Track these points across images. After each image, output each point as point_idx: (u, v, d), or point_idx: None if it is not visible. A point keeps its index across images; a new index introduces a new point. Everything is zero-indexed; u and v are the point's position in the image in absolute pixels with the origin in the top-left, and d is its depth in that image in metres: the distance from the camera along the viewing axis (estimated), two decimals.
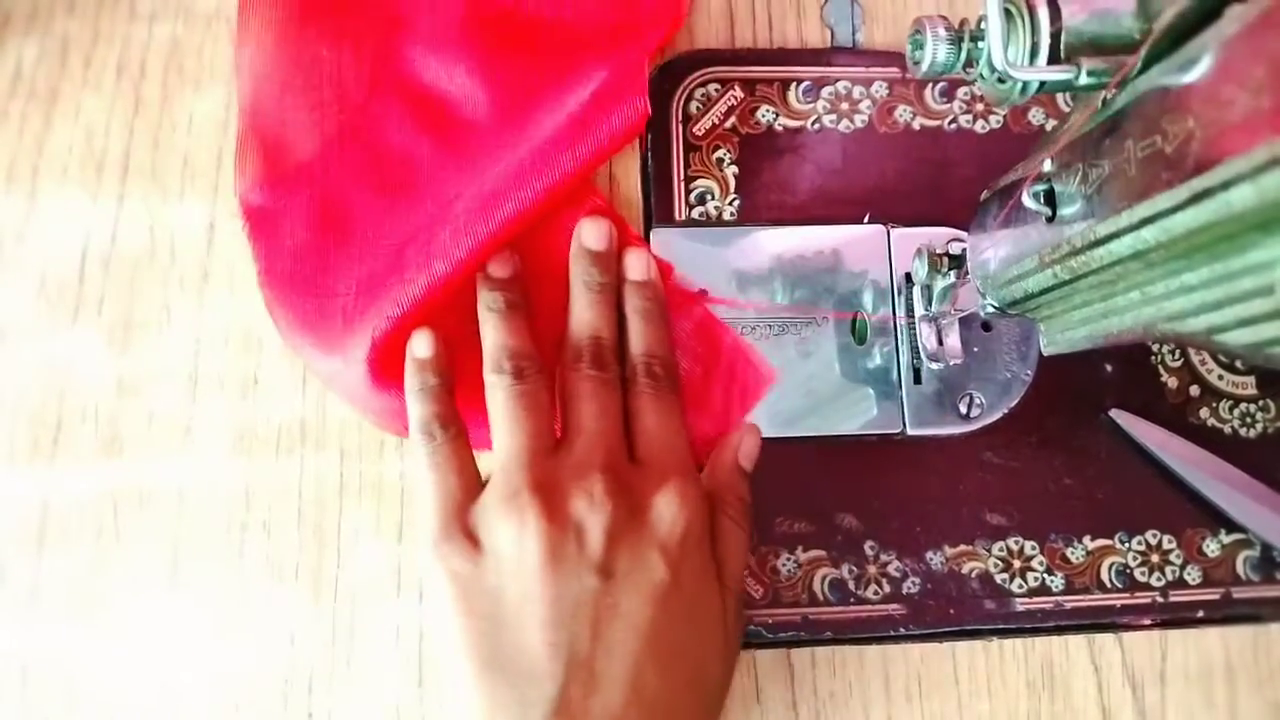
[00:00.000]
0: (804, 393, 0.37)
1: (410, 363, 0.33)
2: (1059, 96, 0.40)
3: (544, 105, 0.38)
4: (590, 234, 0.36)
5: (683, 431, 0.34)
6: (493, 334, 0.34)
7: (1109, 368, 0.39)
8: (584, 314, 0.34)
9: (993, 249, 0.29)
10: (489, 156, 0.37)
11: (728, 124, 0.40)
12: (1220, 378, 0.39)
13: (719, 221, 0.39)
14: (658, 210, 0.39)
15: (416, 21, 0.39)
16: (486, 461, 0.33)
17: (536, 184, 0.34)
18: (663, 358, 0.34)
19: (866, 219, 0.39)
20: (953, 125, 0.40)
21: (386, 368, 0.34)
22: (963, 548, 0.37)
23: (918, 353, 0.36)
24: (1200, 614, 0.37)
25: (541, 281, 0.36)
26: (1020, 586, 0.36)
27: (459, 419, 0.33)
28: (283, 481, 0.36)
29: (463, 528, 0.31)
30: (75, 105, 0.39)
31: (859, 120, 0.40)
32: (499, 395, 0.32)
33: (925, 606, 0.36)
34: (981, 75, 0.24)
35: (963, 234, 0.36)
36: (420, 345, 0.34)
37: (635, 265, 0.36)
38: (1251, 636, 0.37)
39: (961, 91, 0.41)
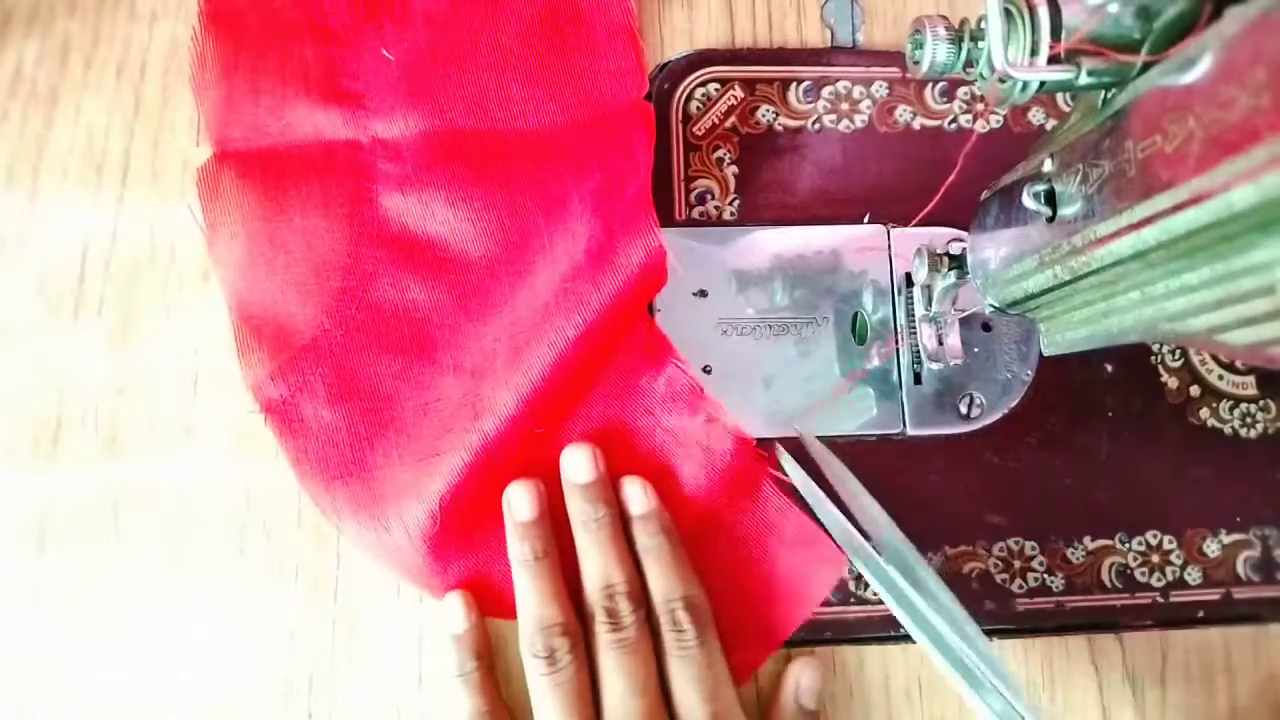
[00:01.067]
0: (804, 393, 0.37)
1: (449, 639, 0.33)
2: (1059, 96, 0.40)
3: (536, 225, 0.36)
4: (573, 467, 0.34)
5: (721, 681, 0.32)
6: (523, 599, 0.33)
7: (1109, 368, 0.39)
8: (589, 561, 0.33)
9: (993, 249, 0.29)
10: (496, 292, 0.36)
11: (728, 124, 0.40)
12: (1220, 378, 0.39)
13: (719, 221, 0.39)
14: (658, 210, 0.39)
15: (381, 166, 0.37)
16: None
17: (567, 327, 0.33)
18: (686, 598, 0.32)
19: (866, 219, 0.39)
20: (953, 125, 0.40)
21: (448, 542, 0.33)
22: (963, 548, 0.37)
23: (918, 354, 0.36)
24: (1200, 614, 0.37)
25: (609, 449, 0.35)
26: (1020, 587, 0.36)
27: (502, 711, 0.33)
28: (283, 481, 0.35)
29: None
30: (76, 106, 0.39)
31: (859, 120, 0.40)
32: (536, 683, 0.32)
33: None
34: (981, 75, 0.24)
35: (963, 234, 0.36)
36: (457, 618, 0.33)
37: (634, 498, 0.34)
38: (1251, 636, 0.37)
39: (961, 91, 0.41)
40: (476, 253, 0.37)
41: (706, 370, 0.37)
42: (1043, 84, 0.23)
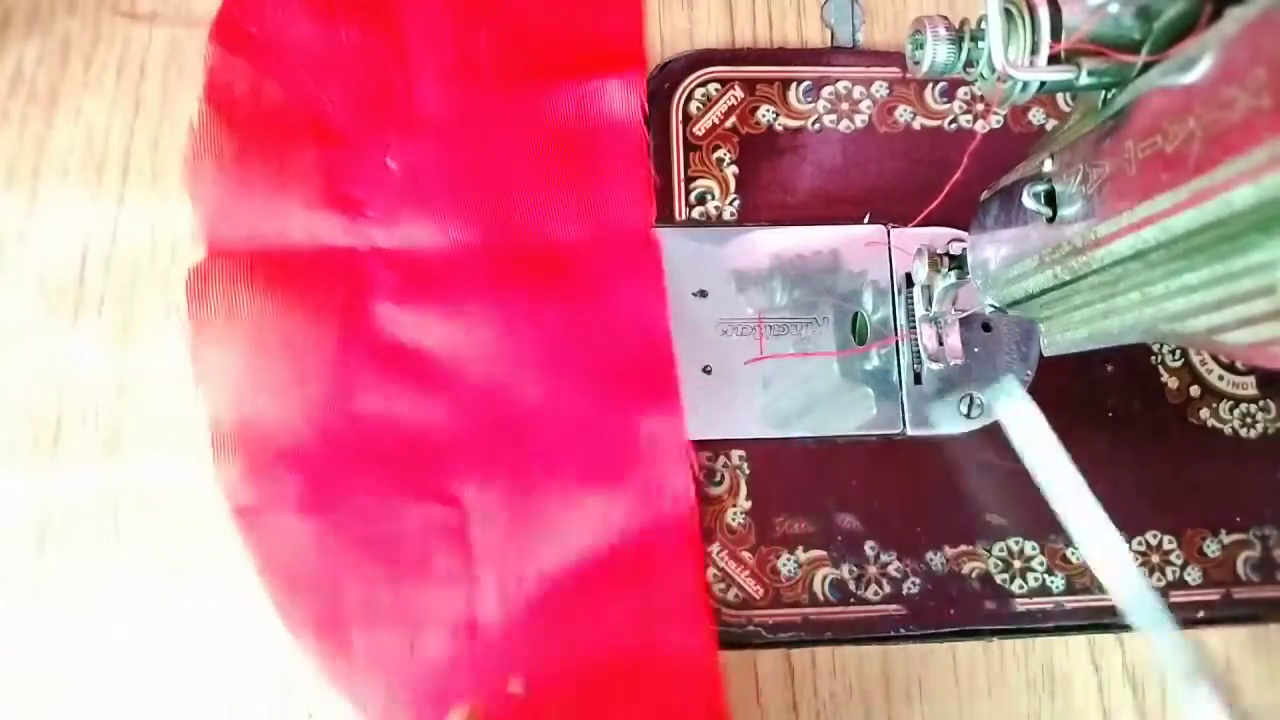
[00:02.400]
0: (803, 392, 0.37)
1: None
2: (1059, 96, 0.40)
3: (534, 348, 0.36)
4: None
5: None
6: None
7: (1109, 368, 0.39)
8: None
9: (993, 249, 0.29)
10: (476, 401, 0.36)
11: (728, 124, 0.40)
12: (1220, 378, 0.39)
13: (719, 221, 0.39)
14: (658, 210, 0.39)
15: (379, 276, 0.37)
16: None
17: (586, 536, 0.34)
18: None
19: (866, 219, 0.39)
20: (953, 125, 0.40)
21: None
22: (963, 548, 0.37)
23: (918, 354, 0.36)
24: (1200, 614, 0.37)
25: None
26: (1020, 587, 0.36)
27: None
28: None
29: None
30: (76, 106, 0.39)
31: (859, 120, 0.40)
32: None
33: (925, 607, 0.36)
34: (982, 75, 0.24)
35: (963, 234, 0.36)
36: None
37: None
38: (1251, 636, 0.37)
39: (961, 91, 0.41)
40: (467, 368, 0.36)
41: (706, 370, 0.37)
42: (1043, 84, 0.23)
